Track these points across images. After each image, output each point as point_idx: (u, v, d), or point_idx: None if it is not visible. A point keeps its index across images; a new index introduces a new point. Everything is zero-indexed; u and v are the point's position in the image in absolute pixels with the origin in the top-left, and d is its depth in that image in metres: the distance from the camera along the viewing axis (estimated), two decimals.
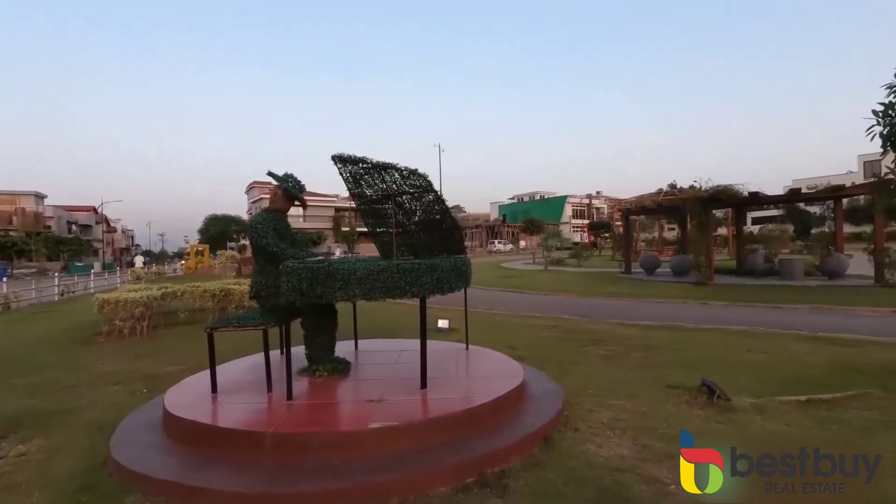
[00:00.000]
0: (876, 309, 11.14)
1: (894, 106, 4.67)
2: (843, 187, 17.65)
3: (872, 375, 5.61)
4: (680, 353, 6.97)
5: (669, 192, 20.10)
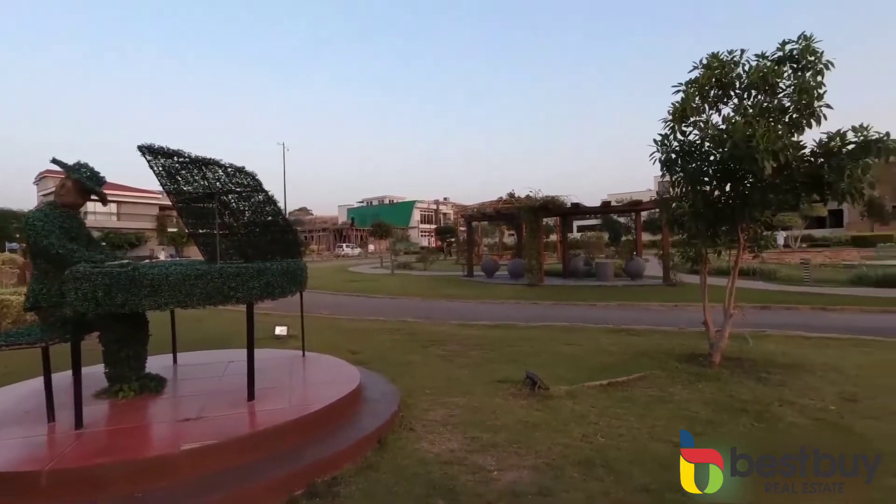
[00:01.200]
0: (663, 304, 13.65)
1: (669, 137, 5.81)
2: (641, 202, 21.32)
3: (657, 359, 6.83)
4: (511, 349, 7.66)
5: (508, 201, 22.01)
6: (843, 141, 4.84)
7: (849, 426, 4.34)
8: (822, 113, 5.17)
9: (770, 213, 5.78)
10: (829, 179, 4.83)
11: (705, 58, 5.60)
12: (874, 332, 9.02)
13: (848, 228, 46.25)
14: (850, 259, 24.56)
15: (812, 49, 5.24)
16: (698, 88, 5.55)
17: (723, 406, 4.87)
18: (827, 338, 8.41)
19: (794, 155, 5.02)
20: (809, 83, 5.18)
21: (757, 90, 5.43)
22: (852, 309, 11.95)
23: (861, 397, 5.07)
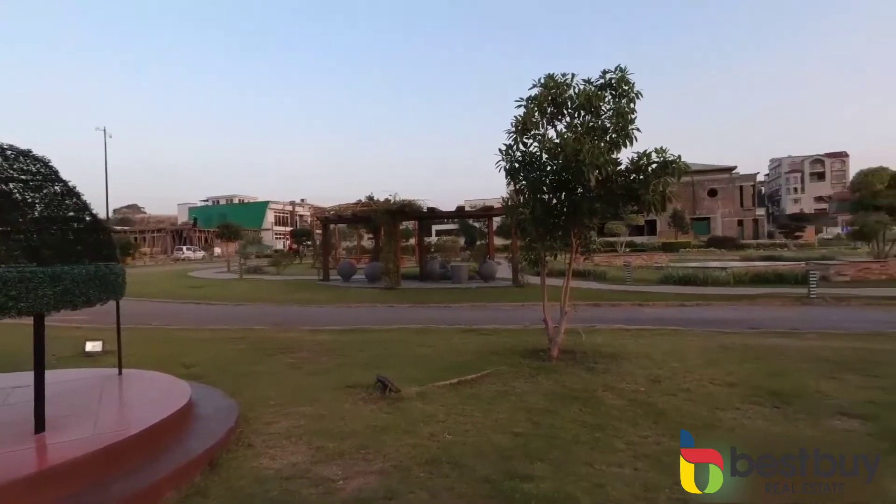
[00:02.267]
0: (512, 304, 14.73)
1: (512, 148, 6.32)
2: (493, 208, 22.84)
3: (503, 356, 7.32)
4: (364, 353, 7.59)
5: (366, 204, 21.88)
6: (649, 160, 5.75)
7: (653, 403, 5.11)
8: (635, 135, 6.06)
9: (597, 219, 6.60)
10: (639, 192, 5.70)
11: (542, 78, 6.21)
12: (676, 322, 10.81)
13: (660, 236, 55.11)
14: (660, 262, 29.20)
15: (626, 79, 6.12)
16: (537, 105, 6.12)
17: (558, 395, 5.39)
18: (642, 329, 9.84)
19: (614, 170, 5.81)
20: (625, 108, 6.04)
21: (585, 111, 6.18)
22: (660, 304, 14.20)
23: (663, 378, 6.02)
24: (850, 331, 9.28)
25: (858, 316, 11.52)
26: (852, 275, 18.24)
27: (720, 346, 7.82)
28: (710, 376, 6.00)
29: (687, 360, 6.89)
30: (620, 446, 4.04)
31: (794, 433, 4.30)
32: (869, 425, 4.42)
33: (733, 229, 57.90)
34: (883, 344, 7.95)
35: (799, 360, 6.82)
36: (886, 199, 18.46)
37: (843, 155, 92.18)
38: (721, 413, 4.77)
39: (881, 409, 4.77)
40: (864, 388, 5.48)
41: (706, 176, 61.72)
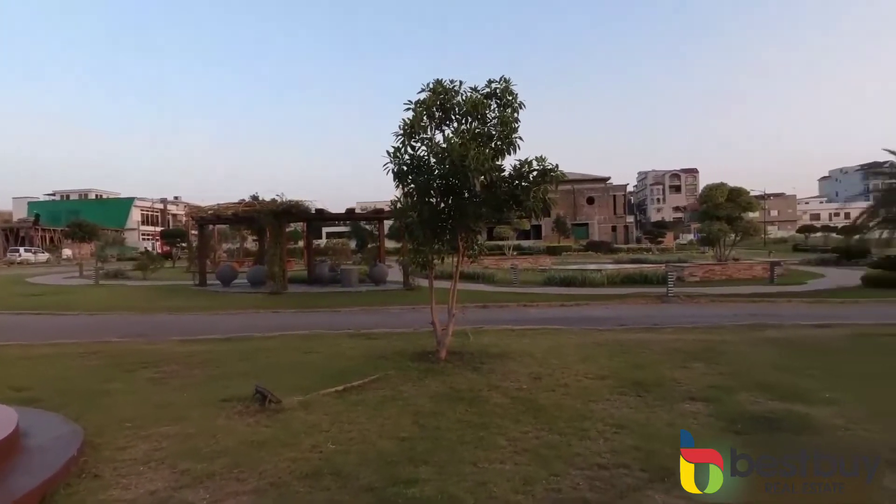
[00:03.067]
0: (402, 307, 14.76)
1: (400, 151, 6.34)
2: (383, 210, 22.74)
3: (392, 360, 7.28)
4: (243, 363, 7.11)
5: (249, 204, 20.58)
6: (530, 167, 6.11)
7: (534, 399, 5.41)
8: (518, 143, 6.40)
9: (483, 223, 6.85)
10: (522, 198, 6.03)
11: (432, 82, 6.32)
12: (557, 321, 11.59)
13: (545, 240, 59.00)
14: (544, 265, 31.20)
15: (510, 90, 6.45)
16: (426, 109, 6.21)
17: (445, 397, 5.49)
18: (526, 329, 10.39)
19: (498, 176, 6.09)
20: (509, 117, 6.35)
21: (471, 117, 6.39)
22: (544, 304, 15.15)
23: (543, 375, 6.40)
24: (699, 325, 10.66)
25: (705, 311, 13.27)
26: (700, 275, 21.01)
27: (594, 343, 8.53)
28: (585, 371, 6.51)
29: (565, 357, 7.41)
30: (503, 443, 4.21)
31: (651, 417, 4.81)
32: (711, 407, 5.08)
33: (608, 234, 63.81)
34: (723, 335, 9.22)
35: (658, 352, 7.65)
36: (725, 211, 21.61)
37: (695, 171, 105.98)
38: (593, 405, 5.18)
39: (721, 393, 5.51)
40: (708, 375, 6.30)
41: (585, 185, 67.34)
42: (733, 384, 5.83)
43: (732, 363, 6.88)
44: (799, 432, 4.33)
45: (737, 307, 14.05)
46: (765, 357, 7.29)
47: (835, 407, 4.99)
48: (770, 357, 7.29)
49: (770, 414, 4.82)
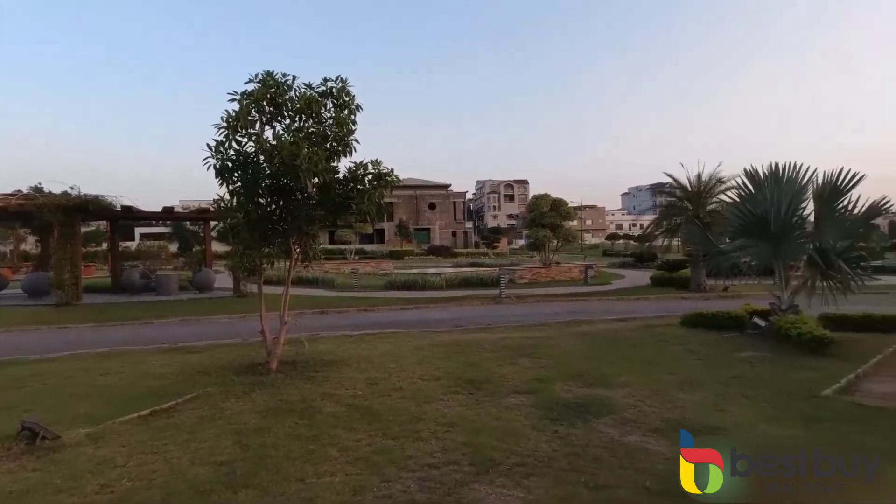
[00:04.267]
0: (231, 315, 13.57)
1: (224, 145, 5.79)
2: (209, 210, 20.71)
3: (214, 375, 6.62)
4: (9, 393, 5.80)
5: (28, 196, 17.00)
6: (365, 171, 6.08)
7: (370, 405, 5.37)
8: (354, 145, 6.32)
9: (318, 226, 6.61)
10: (356, 201, 5.95)
11: (261, 74, 5.91)
12: (396, 325, 11.74)
13: (388, 244, 59.68)
14: (386, 269, 31.53)
15: (347, 90, 6.35)
16: (255, 101, 5.78)
17: (273, 411, 5.15)
18: (365, 334, 10.32)
19: (332, 178, 5.93)
20: (345, 118, 6.24)
21: (305, 115, 6.13)
22: (384, 308, 15.24)
23: (380, 380, 6.41)
24: (526, 323, 11.74)
25: (532, 310, 14.70)
26: (529, 277, 23.23)
27: (431, 345, 8.83)
28: (421, 373, 6.68)
29: (402, 360, 7.52)
30: (334, 454, 4.09)
31: (481, 413, 5.11)
32: (533, 398, 5.59)
33: (449, 239, 67.02)
34: (546, 332, 10.27)
35: (490, 350, 8.21)
36: (549, 219, 24.32)
37: (525, 182, 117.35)
38: (427, 406, 5.32)
39: (541, 385, 6.10)
40: (532, 369, 6.93)
41: (427, 191, 69.84)
42: (552, 375, 6.50)
43: (552, 357, 7.69)
44: (600, 413, 4.99)
45: (558, 306, 15.82)
46: (578, 350, 8.29)
47: (627, 389, 5.87)
48: (582, 349, 8.32)
49: (579, 399, 5.48)
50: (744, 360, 7.24)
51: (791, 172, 9.15)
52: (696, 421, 4.75)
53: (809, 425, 4.65)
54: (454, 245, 64.00)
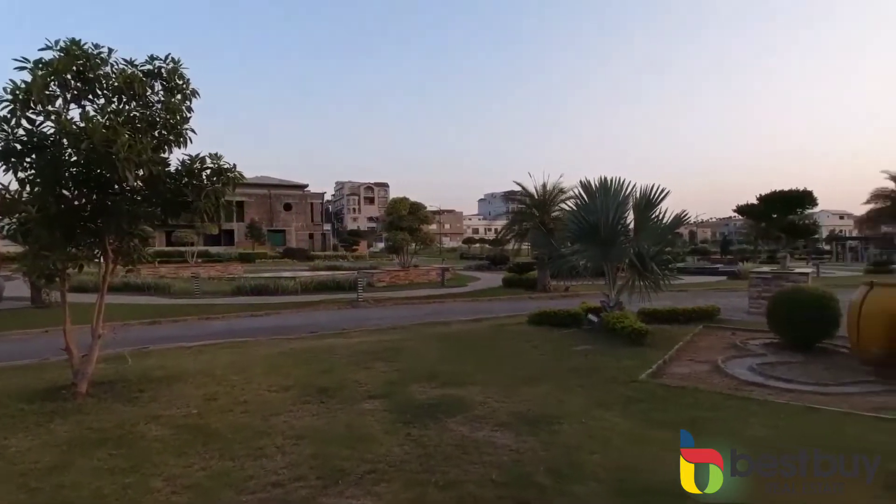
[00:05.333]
0: (28, 331, 11.33)
1: (9, 121, 4.70)
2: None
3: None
4: None
5: None
6: (202, 165, 5.47)
7: (206, 424, 4.85)
8: (189, 135, 5.66)
9: (142, 225, 5.79)
10: (191, 198, 5.32)
11: (65, 41, 4.97)
12: (244, 333, 10.86)
13: (237, 246, 55.05)
14: (235, 272, 29.11)
15: (180, 73, 5.66)
16: (54, 73, 4.83)
17: (78, 443, 4.37)
18: (205, 345, 9.36)
19: (161, 170, 5.22)
20: (177, 105, 5.55)
21: (126, 96, 5.32)
22: (231, 315, 14.02)
23: (220, 395, 5.84)
24: (383, 326, 11.68)
25: (390, 313, 14.69)
26: (388, 280, 23.27)
27: (281, 353, 8.32)
28: (269, 383, 6.24)
29: (248, 371, 6.96)
30: (158, 485, 3.60)
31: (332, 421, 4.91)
32: (387, 402, 5.54)
33: (306, 241, 64.32)
34: (403, 334, 10.32)
35: (345, 356, 7.99)
36: (408, 222, 24.59)
37: (386, 185, 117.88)
38: (274, 419, 4.97)
39: (396, 388, 6.08)
40: (387, 373, 6.88)
41: (282, 191, 66.30)
42: (407, 378, 6.52)
43: (408, 359, 7.73)
44: (453, 412, 5.12)
45: (416, 308, 16.05)
46: (433, 351, 8.45)
47: (479, 386, 6.11)
48: (437, 350, 8.50)
49: (433, 400, 5.57)
50: (580, 353, 8.02)
51: (617, 185, 10.42)
52: (539, 412, 5.12)
53: (627, 406, 5.30)
54: (311, 248, 61.68)
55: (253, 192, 60.71)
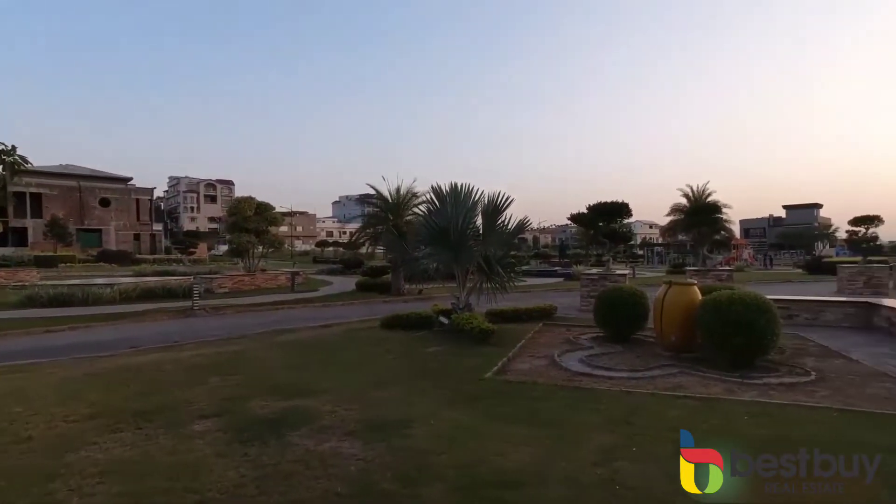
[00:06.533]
0: None
1: None
2: None
3: None
4: None
5: None
6: None
7: None
8: None
9: None
10: None
11: None
12: (34, 354, 9.12)
13: (32, 248, 45.97)
14: (27, 279, 24.36)
15: None
16: None
17: None
18: None
19: None
20: None
21: None
22: (16, 334, 11.64)
23: None
24: (223, 337, 10.70)
25: (232, 322, 13.54)
26: (230, 286, 21.48)
27: (88, 374, 7.13)
28: (66, 413, 5.26)
29: (37, 400, 5.81)
30: None
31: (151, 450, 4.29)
32: (222, 420, 5.02)
33: (129, 243, 56.63)
34: (245, 345, 9.56)
35: (173, 372, 7.12)
36: (254, 223, 22.97)
37: (231, 183, 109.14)
38: (70, 455, 4.17)
39: (234, 404, 5.56)
40: (224, 388, 6.27)
41: (97, 183, 57.56)
42: (248, 392, 6.01)
43: (249, 371, 7.15)
44: (297, 425, 4.82)
45: (262, 315, 15.03)
46: (279, 360, 7.95)
47: (328, 395, 5.87)
48: (283, 359, 8.01)
49: (276, 414, 5.20)
50: (430, 354, 8.18)
51: (466, 191, 10.89)
52: (388, 416, 5.07)
53: (473, 404, 5.51)
54: (137, 250, 54.56)
55: (56, 184, 51.88)
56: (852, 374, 6.69)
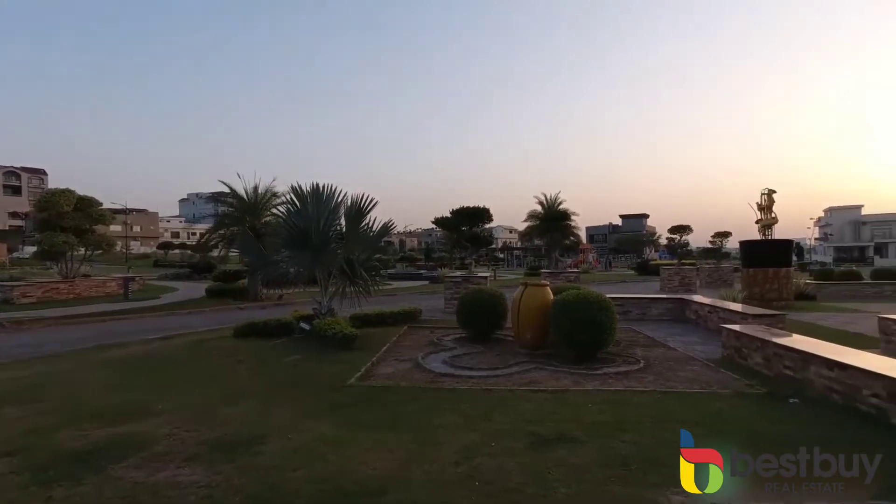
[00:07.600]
0: None
1: None
2: None
3: None
4: None
5: None
6: None
7: None
8: None
9: None
10: None
11: None
12: None
13: None
14: None
15: None
16: None
17: None
18: None
19: None
20: None
21: None
22: None
23: None
24: (24, 357, 8.98)
25: (40, 339, 11.46)
26: (39, 296, 18.27)
27: None
28: None
29: None
30: None
31: None
32: (19, 460, 4.18)
33: None
34: (57, 365, 8.15)
35: None
36: (73, 221, 19.67)
37: (42, 172, 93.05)
38: None
39: (37, 438, 4.69)
40: (24, 419, 5.26)
41: None
42: (56, 422, 5.11)
43: (60, 396, 6.11)
44: (124, 456, 4.18)
45: (83, 329, 12.98)
46: (102, 381, 6.91)
47: (164, 417, 5.22)
48: (108, 380, 6.98)
49: (95, 445, 4.48)
50: (289, 363, 7.72)
51: (329, 192, 10.54)
52: (239, 435, 4.65)
53: (335, 412, 5.31)
54: None
55: None
56: (670, 360, 7.76)
